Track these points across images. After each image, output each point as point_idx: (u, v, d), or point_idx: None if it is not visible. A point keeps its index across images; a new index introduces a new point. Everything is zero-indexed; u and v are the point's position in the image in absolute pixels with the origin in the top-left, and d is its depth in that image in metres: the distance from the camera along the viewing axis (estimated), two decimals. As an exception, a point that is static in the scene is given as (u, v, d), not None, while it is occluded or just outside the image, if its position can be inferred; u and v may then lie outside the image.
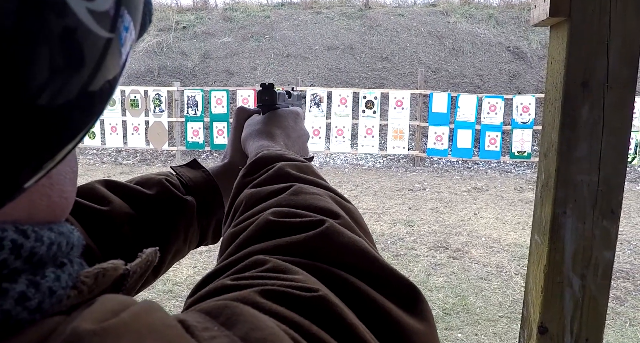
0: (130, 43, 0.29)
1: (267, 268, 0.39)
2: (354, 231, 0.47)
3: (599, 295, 1.09)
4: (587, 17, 1.02)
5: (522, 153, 10.55)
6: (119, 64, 0.28)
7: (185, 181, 0.83)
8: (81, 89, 0.25)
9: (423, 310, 0.40)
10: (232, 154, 0.93)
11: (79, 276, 0.31)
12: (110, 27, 0.25)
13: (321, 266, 0.40)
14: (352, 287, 0.39)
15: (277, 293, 0.34)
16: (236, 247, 0.46)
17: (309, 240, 0.43)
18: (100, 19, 0.24)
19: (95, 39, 0.24)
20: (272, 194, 0.55)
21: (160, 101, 11.41)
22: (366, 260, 0.42)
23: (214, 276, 0.41)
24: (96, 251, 0.65)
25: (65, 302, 0.29)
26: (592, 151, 1.05)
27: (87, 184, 0.73)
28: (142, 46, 14.62)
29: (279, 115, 0.92)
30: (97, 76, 0.26)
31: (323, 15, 15.46)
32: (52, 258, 0.29)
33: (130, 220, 0.72)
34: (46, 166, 0.26)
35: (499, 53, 13.62)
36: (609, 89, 1.03)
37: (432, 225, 6.66)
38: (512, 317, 4.03)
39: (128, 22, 0.28)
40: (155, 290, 4.41)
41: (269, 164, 0.64)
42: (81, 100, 0.25)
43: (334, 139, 11.07)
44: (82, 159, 11.84)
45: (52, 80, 0.23)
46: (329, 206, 0.51)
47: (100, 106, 0.28)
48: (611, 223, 1.07)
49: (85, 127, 0.27)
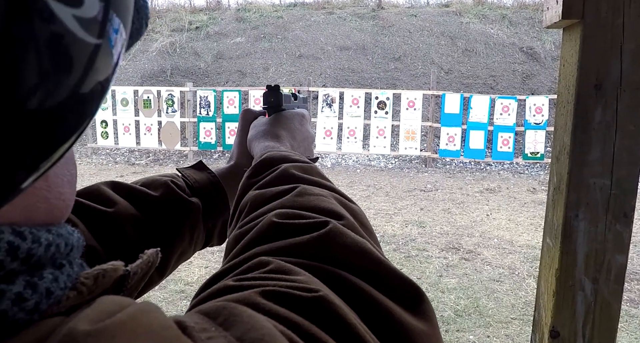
0: (122, 43, 0.30)
1: (269, 269, 0.39)
2: (357, 232, 0.48)
3: (612, 299, 1.08)
4: (601, 19, 1.01)
5: (535, 154, 10.48)
6: (110, 65, 0.28)
7: (191, 183, 0.84)
8: (71, 91, 0.25)
9: (426, 310, 0.41)
10: (238, 155, 0.93)
11: (78, 277, 0.31)
12: (98, 33, 0.26)
13: (324, 268, 0.41)
14: (354, 288, 0.39)
15: (277, 293, 0.35)
16: (241, 249, 0.47)
17: (312, 242, 0.44)
18: (87, 25, 0.24)
19: (83, 45, 0.25)
20: (277, 196, 0.55)
21: (173, 101, 11.46)
22: (369, 261, 0.42)
23: (219, 277, 0.42)
24: (101, 253, 0.65)
25: (65, 302, 0.29)
26: (605, 153, 1.04)
27: (93, 186, 0.74)
28: (155, 46, 14.70)
29: (284, 116, 0.91)
30: (87, 79, 0.26)
31: (335, 16, 15.45)
32: (51, 260, 0.29)
33: (135, 222, 0.72)
34: (42, 166, 0.26)
35: (512, 54, 13.54)
36: (622, 92, 1.02)
37: (444, 226, 6.63)
38: (524, 319, 4.01)
39: (117, 24, 0.28)
40: (167, 290, 4.43)
41: (273, 165, 0.64)
42: (72, 102, 0.25)
43: (346, 139, 11.05)
44: (95, 159, 11.92)
45: (41, 84, 0.23)
46: (332, 207, 0.51)
47: (92, 106, 0.28)
48: (624, 226, 1.06)
49: (79, 127, 0.28)
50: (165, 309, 4.06)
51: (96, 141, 11.89)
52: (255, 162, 0.68)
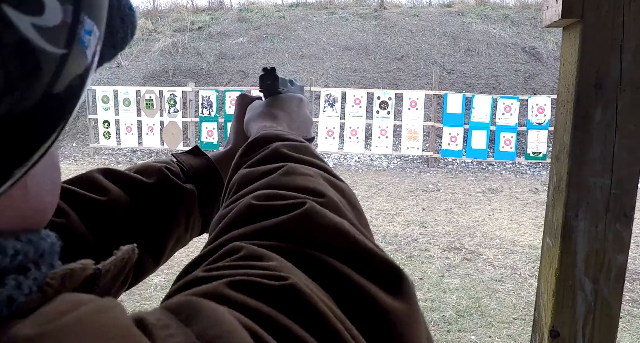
0: (96, 42, 0.29)
1: (240, 256, 0.38)
2: (339, 211, 0.47)
3: (612, 299, 1.07)
4: (601, 18, 1.01)
5: (538, 154, 10.47)
6: (83, 66, 0.28)
7: (186, 169, 0.83)
8: (41, 97, 0.24)
9: (406, 290, 0.39)
10: (234, 140, 0.92)
11: (45, 278, 0.30)
12: (66, 41, 0.25)
13: (299, 250, 0.40)
14: (330, 269, 0.38)
15: (245, 283, 0.34)
16: (219, 231, 0.46)
17: (287, 223, 0.43)
18: (49, 35, 0.24)
19: (45, 54, 0.24)
20: (264, 175, 0.54)
21: (175, 101, 11.48)
22: (347, 242, 0.41)
23: (195, 265, 0.41)
24: (92, 241, 0.65)
25: (30, 304, 0.28)
26: (605, 153, 1.04)
27: (86, 174, 0.73)
28: (158, 46, 14.72)
29: (282, 99, 0.89)
30: (57, 84, 0.25)
31: (338, 16, 15.46)
32: (17, 268, 0.28)
33: (128, 210, 0.72)
34: (16, 173, 0.26)
35: (515, 54, 13.52)
36: (622, 91, 1.02)
37: (446, 226, 6.63)
38: (526, 319, 4.00)
39: (90, 25, 0.27)
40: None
41: (266, 144, 0.63)
42: (42, 107, 0.25)
43: (348, 139, 11.05)
44: (98, 159, 11.93)
45: (6, 91, 0.22)
46: (316, 186, 0.50)
47: (65, 109, 0.27)
48: (624, 226, 1.05)
49: (53, 131, 0.27)
50: (167, 309, 4.06)
51: (98, 141, 11.91)
52: (249, 141, 0.67)
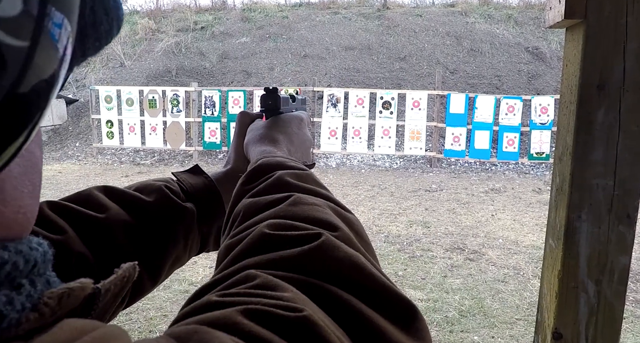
0: (67, 36, 0.27)
1: (255, 284, 0.38)
2: (352, 244, 0.46)
3: (615, 301, 1.07)
4: (604, 19, 1.01)
5: (541, 154, 10.45)
6: (55, 60, 0.26)
7: (186, 188, 0.82)
8: (7, 93, 0.23)
9: (419, 328, 0.39)
10: (234, 159, 0.92)
11: (42, 297, 0.28)
12: (30, 34, 0.23)
13: (314, 283, 0.40)
14: (344, 304, 0.38)
15: (259, 312, 0.33)
16: (231, 260, 0.45)
17: (303, 255, 0.42)
18: (8, 26, 0.22)
19: (6, 47, 0.22)
20: (270, 205, 0.53)
21: (178, 101, 11.49)
22: (362, 276, 0.41)
23: (206, 290, 0.40)
24: (91, 260, 0.64)
25: (25, 325, 0.27)
26: (608, 154, 1.03)
27: (84, 191, 0.72)
28: (161, 46, 14.74)
29: (282, 120, 0.89)
30: (26, 79, 0.24)
31: (341, 16, 15.46)
32: (7, 279, 0.27)
33: (127, 228, 0.71)
34: None
35: (518, 54, 13.51)
36: (625, 92, 1.01)
37: (449, 226, 6.62)
38: (529, 320, 3.99)
39: (60, 18, 0.26)
40: (172, 290, 4.44)
41: (268, 172, 0.63)
42: (11, 104, 0.23)
43: (351, 139, 11.05)
44: (101, 158, 11.96)
45: None
46: (327, 217, 0.50)
47: (36, 105, 0.26)
48: (627, 227, 1.05)
49: (24, 128, 0.26)
50: (169, 309, 4.07)
51: (101, 140, 11.93)
52: (250, 168, 0.67)
